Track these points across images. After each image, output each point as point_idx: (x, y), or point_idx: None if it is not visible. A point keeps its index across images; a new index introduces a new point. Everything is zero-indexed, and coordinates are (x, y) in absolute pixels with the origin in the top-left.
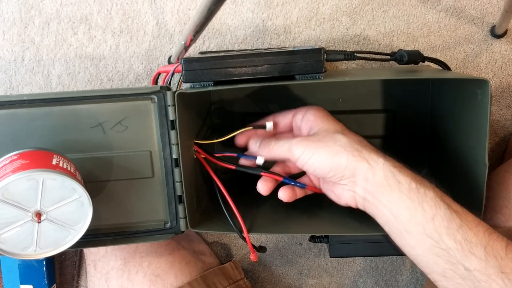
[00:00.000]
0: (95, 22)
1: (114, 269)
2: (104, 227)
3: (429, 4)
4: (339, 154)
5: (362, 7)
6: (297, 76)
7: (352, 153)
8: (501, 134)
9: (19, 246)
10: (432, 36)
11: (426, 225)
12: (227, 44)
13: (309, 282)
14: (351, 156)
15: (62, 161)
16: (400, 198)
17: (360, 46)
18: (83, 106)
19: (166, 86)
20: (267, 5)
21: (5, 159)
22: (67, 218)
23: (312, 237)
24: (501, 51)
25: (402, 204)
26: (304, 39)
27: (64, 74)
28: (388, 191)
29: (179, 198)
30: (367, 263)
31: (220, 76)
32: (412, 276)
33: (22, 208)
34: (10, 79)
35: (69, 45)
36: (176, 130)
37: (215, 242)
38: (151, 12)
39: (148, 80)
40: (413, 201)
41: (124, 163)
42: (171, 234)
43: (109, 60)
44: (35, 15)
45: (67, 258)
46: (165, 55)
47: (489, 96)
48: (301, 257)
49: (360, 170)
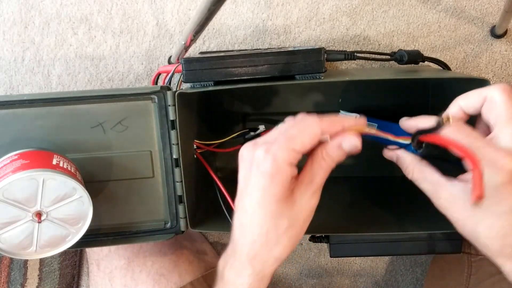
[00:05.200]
0: (95, 22)
1: (118, 268)
2: (104, 227)
3: (429, 4)
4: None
5: (362, 7)
6: (297, 76)
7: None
8: None
9: (19, 246)
10: (432, 36)
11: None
12: (227, 44)
13: (309, 282)
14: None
15: (62, 161)
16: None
17: (360, 46)
18: (83, 106)
19: (166, 86)
20: (267, 5)
21: (5, 159)
22: (67, 218)
23: (312, 237)
24: (501, 51)
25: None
26: (304, 39)
27: (64, 74)
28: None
29: (179, 198)
30: (367, 263)
31: (220, 76)
32: (412, 276)
33: (22, 208)
34: (10, 79)
35: (69, 45)
36: (176, 130)
37: (215, 242)
38: (151, 12)
39: (148, 80)
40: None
41: (124, 163)
42: (171, 234)
43: (109, 60)
44: (35, 15)
45: (67, 258)
46: (165, 55)
47: None
48: (301, 257)
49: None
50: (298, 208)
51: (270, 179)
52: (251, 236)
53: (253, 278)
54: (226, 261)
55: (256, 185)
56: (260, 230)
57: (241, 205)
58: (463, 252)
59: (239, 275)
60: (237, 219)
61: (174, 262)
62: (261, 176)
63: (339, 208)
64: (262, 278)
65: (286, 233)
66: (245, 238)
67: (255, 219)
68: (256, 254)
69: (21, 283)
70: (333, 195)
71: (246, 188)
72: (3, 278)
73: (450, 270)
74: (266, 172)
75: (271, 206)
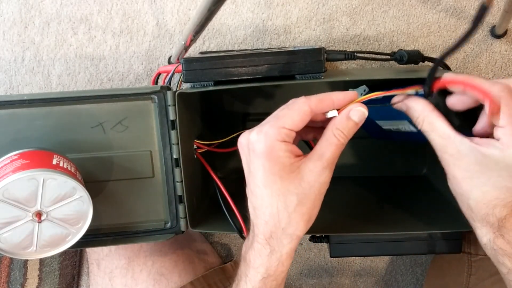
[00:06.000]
0: (95, 22)
1: (118, 268)
2: (104, 227)
3: (429, 4)
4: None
5: (362, 7)
6: (297, 76)
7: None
8: None
9: (19, 246)
10: (432, 36)
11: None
12: (227, 44)
13: (309, 282)
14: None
15: (62, 161)
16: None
17: (360, 46)
18: (83, 106)
19: (166, 86)
20: (267, 5)
21: (5, 158)
22: (67, 218)
23: (312, 237)
24: (501, 51)
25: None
26: (304, 39)
27: (64, 74)
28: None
29: (179, 198)
30: (367, 263)
31: (220, 76)
32: (412, 276)
33: (22, 208)
34: (10, 79)
35: (69, 45)
36: (176, 130)
37: (215, 242)
38: (151, 12)
39: (148, 80)
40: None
41: (124, 163)
42: (171, 234)
43: (109, 60)
44: (35, 15)
45: (67, 258)
46: (165, 55)
47: None
48: (301, 257)
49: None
50: (306, 185)
51: (266, 157)
52: (263, 217)
53: (270, 257)
54: (247, 246)
55: (257, 167)
56: (270, 210)
57: (250, 190)
58: (463, 252)
59: (258, 256)
60: (250, 204)
61: (174, 262)
62: (257, 157)
63: (339, 208)
64: (281, 257)
65: (296, 210)
66: (259, 219)
67: (264, 200)
68: (271, 234)
69: (21, 283)
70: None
71: (250, 172)
72: (3, 278)
73: (450, 270)
74: (261, 152)
75: (276, 184)
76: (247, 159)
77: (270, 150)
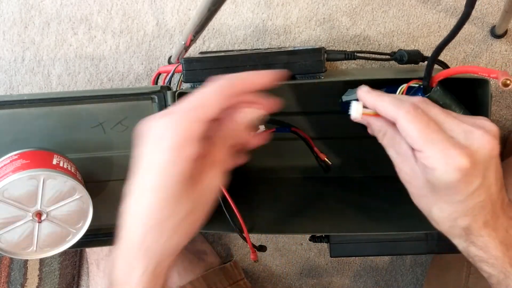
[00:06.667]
0: (95, 22)
1: None
2: (104, 227)
3: (429, 4)
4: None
5: (362, 7)
6: (297, 76)
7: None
8: (501, 134)
9: (19, 246)
10: (432, 36)
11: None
12: (227, 44)
13: (309, 282)
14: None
15: (62, 161)
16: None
17: (360, 46)
18: (83, 106)
19: (166, 86)
20: (267, 5)
21: (5, 158)
22: (67, 218)
23: (312, 237)
24: (501, 51)
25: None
26: (304, 39)
27: (64, 74)
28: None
29: None
30: (367, 263)
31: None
32: (412, 276)
33: (22, 208)
34: (10, 79)
35: (69, 45)
36: None
37: (215, 242)
38: (151, 12)
39: (148, 80)
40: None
41: (124, 163)
42: None
43: (109, 60)
44: (35, 15)
45: (67, 258)
46: (165, 55)
47: (489, 96)
48: (301, 257)
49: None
50: (201, 190)
51: (172, 155)
52: (143, 227)
53: (147, 276)
54: (114, 263)
55: (154, 164)
56: (155, 219)
57: (132, 190)
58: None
59: (131, 275)
60: (126, 208)
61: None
62: (161, 152)
63: (339, 208)
64: (159, 274)
65: (187, 219)
66: (136, 229)
67: (150, 206)
68: (149, 247)
69: (21, 283)
70: (333, 196)
71: (140, 169)
72: (3, 278)
73: (450, 270)
74: (168, 147)
75: (172, 188)
76: (142, 151)
77: (181, 146)
